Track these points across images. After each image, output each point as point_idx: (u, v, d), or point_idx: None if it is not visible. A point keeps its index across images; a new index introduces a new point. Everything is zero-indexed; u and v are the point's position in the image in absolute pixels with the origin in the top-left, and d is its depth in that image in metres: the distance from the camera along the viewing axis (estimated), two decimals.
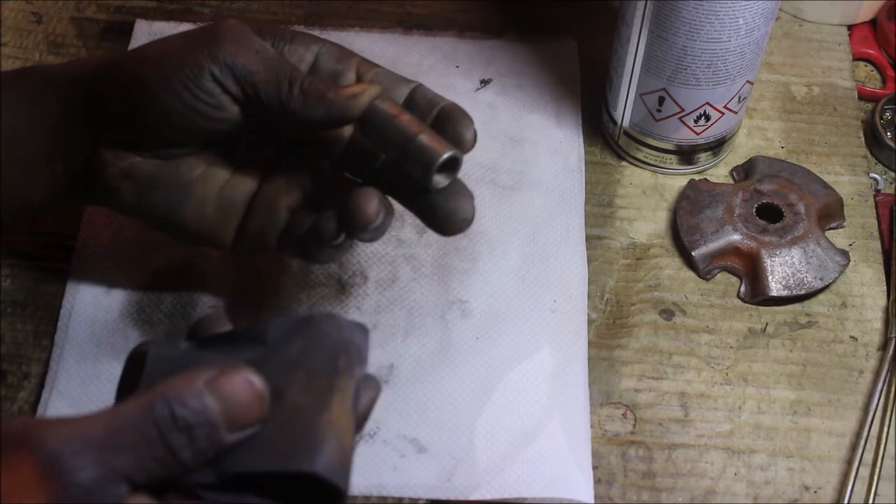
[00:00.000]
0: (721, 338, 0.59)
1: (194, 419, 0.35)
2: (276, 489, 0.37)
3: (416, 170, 0.47)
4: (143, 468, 0.35)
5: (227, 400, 0.36)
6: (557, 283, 0.59)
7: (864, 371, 0.58)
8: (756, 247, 0.60)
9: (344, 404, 0.38)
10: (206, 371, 0.36)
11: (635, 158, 0.65)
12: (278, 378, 0.38)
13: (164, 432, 0.35)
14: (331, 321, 0.40)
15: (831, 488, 0.54)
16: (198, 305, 0.58)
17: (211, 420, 0.36)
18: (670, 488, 0.54)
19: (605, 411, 0.56)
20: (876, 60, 0.71)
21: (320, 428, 0.37)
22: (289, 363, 0.39)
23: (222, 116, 0.47)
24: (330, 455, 0.36)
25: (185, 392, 0.36)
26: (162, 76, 0.46)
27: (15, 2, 0.72)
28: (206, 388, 0.36)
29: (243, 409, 0.36)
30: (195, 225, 0.50)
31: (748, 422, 0.56)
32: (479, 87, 0.68)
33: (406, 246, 0.61)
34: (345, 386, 0.39)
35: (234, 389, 0.36)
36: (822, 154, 0.66)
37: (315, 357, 0.39)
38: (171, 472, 0.36)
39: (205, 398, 0.36)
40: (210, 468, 0.36)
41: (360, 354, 0.40)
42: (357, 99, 0.46)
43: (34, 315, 0.58)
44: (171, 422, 0.35)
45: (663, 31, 0.57)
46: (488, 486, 0.52)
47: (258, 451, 0.37)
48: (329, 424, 0.37)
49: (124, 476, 0.35)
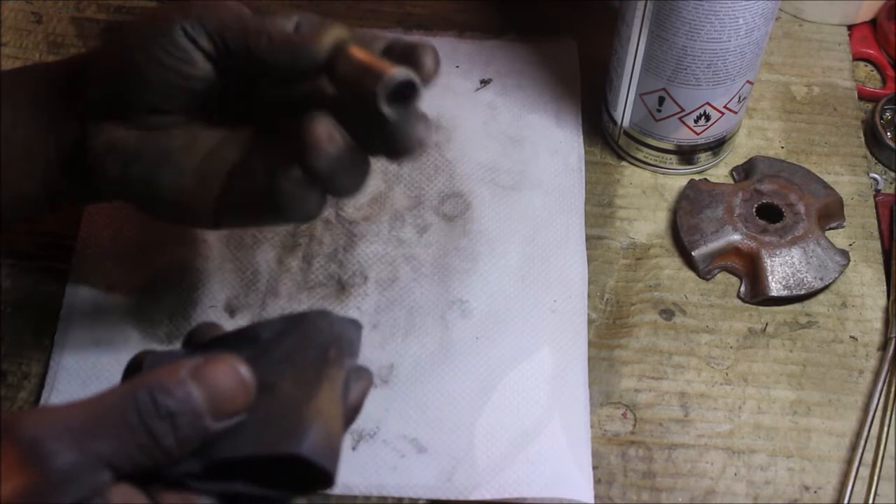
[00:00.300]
0: (721, 338, 0.59)
1: (177, 407, 0.35)
2: (264, 477, 0.37)
3: (370, 99, 0.43)
4: (125, 454, 0.35)
5: (211, 388, 0.36)
6: (557, 283, 0.59)
7: (864, 371, 0.58)
8: (756, 247, 0.60)
9: (333, 393, 0.38)
10: (191, 361, 0.36)
11: (635, 158, 0.65)
12: (269, 373, 0.38)
13: (145, 419, 0.35)
14: (323, 317, 0.40)
15: (831, 488, 0.54)
16: (198, 305, 0.58)
17: (194, 408, 0.36)
18: (670, 488, 0.54)
19: (605, 411, 0.56)
20: (876, 60, 0.71)
21: (307, 414, 0.37)
22: (280, 358, 0.39)
23: (195, 73, 0.47)
24: (316, 439, 0.36)
25: (168, 380, 0.36)
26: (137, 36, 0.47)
27: (15, 2, 0.72)
28: (189, 376, 0.36)
29: (228, 397, 0.36)
30: (175, 196, 0.49)
31: (748, 422, 0.56)
32: (479, 87, 0.68)
33: (406, 246, 0.61)
34: (334, 375, 0.39)
35: (218, 377, 0.36)
36: (822, 154, 0.66)
37: (305, 350, 0.39)
38: (155, 460, 0.35)
39: (188, 386, 0.36)
40: (197, 459, 0.36)
41: (351, 347, 0.41)
42: (321, 38, 0.45)
43: (34, 315, 0.58)
44: (154, 409, 0.35)
45: (663, 31, 0.57)
46: (488, 486, 0.52)
47: (244, 438, 0.37)
48: (316, 411, 0.37)
49: (106, 462, 0.35)
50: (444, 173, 0.63)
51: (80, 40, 0.70)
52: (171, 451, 0.36)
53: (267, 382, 0.38)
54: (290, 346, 0.39)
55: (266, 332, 0.40)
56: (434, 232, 0.61)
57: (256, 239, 0.60)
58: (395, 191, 0.63)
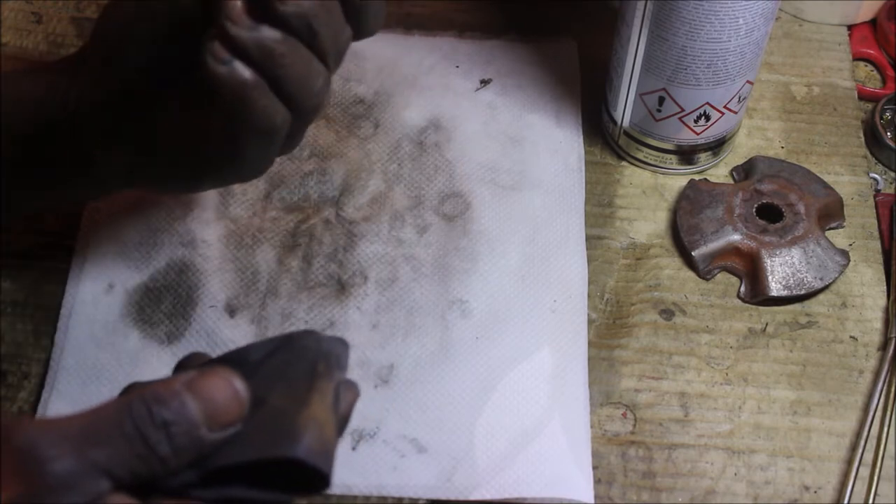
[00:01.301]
0: (721, 338, 0.59)
1: (172, 417, 0.36)
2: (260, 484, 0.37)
3: None
4: (121, 463, 0.35)
5: (206, 399, 0.36)
6: (557, 283, 0.59)
7: (864, 371, 0.58)
8: (756, 247, 0.60)
9: (324, 402, 0.39)
10: (185, 374, 0.37)
11: (635, 158, 0.65)
12: (261, 389, 0.39)
13: (141, 428, 0.35)
14: (310, 336, 0.41)
15: (831, 488, 0.54)
16: (198, 305, 0.58)
17: (189, 418, 0.36)
18: (670, 488, 0.54)
19: (605, 411, 0.56)
20: (876, 60, 0.71)
21: (301, 421, 0.37)
22: (270, 375, 0.40)
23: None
24: (311, 442, 0.37)
25: (163, 393, 0.36)
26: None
27: (15, 2, 0.72)
28: (184, 388, 0.36)
29: (223, 408, 0.37)
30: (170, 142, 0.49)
31: (748, 422, 0.56)
32: (479, 87, 0.68)
33: (406, 246, 0.61)
34: (324, 387, 0.39)
35: (213, 389, 0.37)
36: (822, 154, 0.66)
37: (295, 366, 0.40)
38: (152, 468, 0.36)
39: (183, 397, 0.36)
40: (194, 470, 0.37)
41: (339, 361, 0.41)
42: None
43: (34, 315, 0.58)
44: (149, 419, 0.35)
45: (663, 31, 0.57)
46: (488, 486, 0.52)
47: (240, 447, 0.37)
48: (309, 417, 0.38)
49: (103, 470, 0.35)
50: (444, 173, 0.64)
51: (80, 40, 0.70)
52: (168, 460, 0.36)
53: (259, 397, 0.38)
54: (279, 364, 0.40)
55: (254, 354, 0.41)
56: (434, 232, 0.61)
57: (256, 239, 0.61)
58: (395, 191, 0.63)
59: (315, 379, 0.39)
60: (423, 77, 0.68)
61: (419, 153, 0.64)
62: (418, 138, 0.65)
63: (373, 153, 0.64)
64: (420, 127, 0.65)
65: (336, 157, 0.64)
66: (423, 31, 0.71)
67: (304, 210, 0.62)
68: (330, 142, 0.65)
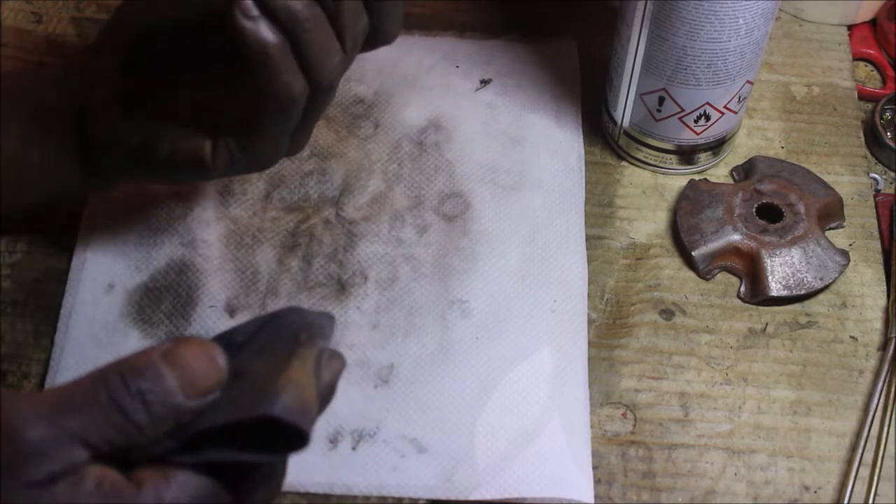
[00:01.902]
0: (721, 338, 0.59)
1: (147, 386, 0.36)
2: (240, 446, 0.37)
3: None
4: (96, 431, 0.35)
5: (182, 367, 0.36)
6: (557, 283, 0.59)
7: (864, 371, 0.58)
8: (756, 247, 0.60)
9: (304, 368, 0.39)
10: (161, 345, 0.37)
11: (635, 158, 0.65)
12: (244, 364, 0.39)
13: (115, 397, 0.35)
14: (293, 311, 0.41)
15: (831, 488, 0.54)
16: (198, 305, 0.58)
17: (165, 386, 0.36)
18: (670, 488, 0.54)
19: (605, 411, 0.56)
20: (876, 60, 0.71)
21: (279, 384, 0.37)
22: (254, 350, 0.40)
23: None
24: (287, 401, 0.37)
25: (139, 363, 0.36)
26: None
27: (15, 2, 0.72)
28: (160, 358, 0.36)
29: (200, 375, 0.37)
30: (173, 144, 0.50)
31: (748, 422, 0.56)
32: (479, 87, 0.68)
33: (406, 246, 0.61)
34: (305, 354, 0.39)
35: (189, 357, 0.37)
36: (822, 154, 0.66)
37: (277, 339, 0.40)
38: (129, 436, 0.36)
39: (158, 366, 0.36)
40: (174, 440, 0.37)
41: (322, 331, 0.41)
42: None
43: (34, 315, 0.58)
44: (124, 388, 0.35)
45: (663, 31, 0.57)
46: (488, 486, 0.52)
47: (219, 412, 0.37)
48: (287, 381, 0.37)
49: (79, 439, 0.35)
50: (444, 173, 0.64)
51: (80, 40, 0.70)
52: (145, 429, 0.36)
53: (242, 370, 0.38)
54: (263, 341, 0.40)
55: (240, 335, 0.41)
56: (434, 232, 0.61)
57: (256, 239, 0.61)
58: (395, 191, 0.63)
59: (296, 347, 0.39)
60: (423, 77, 0.68)
61: (419, 153, 0.64)
62: (418, 138, 0.65)
63: (373, 153, 0.64)
64: (420, 127, 0.66)
65: (336, 157, 0.64)
66: (423, 31, 0.71)
67: (304, 210, 0.62)
68: (330, 142, 0.65)
